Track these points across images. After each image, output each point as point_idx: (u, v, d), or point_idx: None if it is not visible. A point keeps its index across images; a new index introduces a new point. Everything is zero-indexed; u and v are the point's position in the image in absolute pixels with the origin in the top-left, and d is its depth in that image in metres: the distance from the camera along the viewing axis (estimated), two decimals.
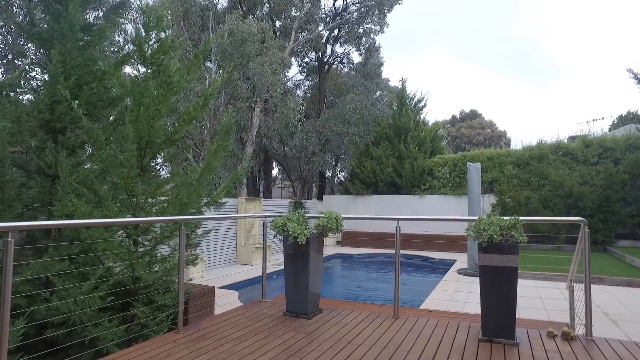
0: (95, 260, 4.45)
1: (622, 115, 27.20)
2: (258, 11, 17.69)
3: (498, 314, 3.35)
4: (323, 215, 4.20)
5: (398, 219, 4.14)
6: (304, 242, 3.86)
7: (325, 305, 4.58)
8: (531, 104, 58.93)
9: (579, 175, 12.54)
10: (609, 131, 18.35)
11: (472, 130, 42.62)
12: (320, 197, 18.55)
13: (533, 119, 56.45)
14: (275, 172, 30.53)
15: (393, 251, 4.21)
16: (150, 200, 5.23)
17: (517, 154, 13.99)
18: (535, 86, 58.86)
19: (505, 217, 3.36)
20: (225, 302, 6.85)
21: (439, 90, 62.42)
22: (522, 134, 62.03)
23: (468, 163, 10.13)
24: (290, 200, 14.85)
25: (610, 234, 12.01)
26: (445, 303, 7.05)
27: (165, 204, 5.04)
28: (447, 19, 59.53)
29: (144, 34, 5.25)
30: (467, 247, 10.27)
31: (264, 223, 4.74)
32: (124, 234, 4.95)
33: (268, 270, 5.12)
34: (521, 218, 3.31)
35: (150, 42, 5.31)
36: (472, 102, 71.50)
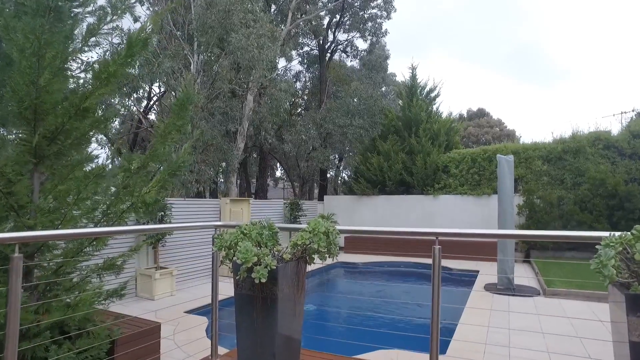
0: None
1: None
2: None
3: None
4: (305, 227, 2.41)
5: (437, 234, 2.34)
6: (264, 279, 2.07)
7: None
8: (538, 104, 56.90)
9: (624, 171, 10.62)
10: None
11: (480, 129, 40.73)
12: (321, 198, 16.74)
13: (541, 119, 54.54)
14: (279, 172, 28.79)
15: (406, 259, 2.46)
16: (53, 202, 3.48)
17: (548, 147, 12.06)
18: (541, 86, 56.85)
19: None
20: (187, 339, 5.08)
21: (445, 90, 60.60)
22: (530, 133, 60.00)
23: (498, 155, 8.31)
24: (285, 201, 13.05)
25: None
26: (484, 332, 5.32)
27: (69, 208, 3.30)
28: (451, 23, 57.95)
29: None
30: (496, 258, 8.46)
31: (212, 237, 2.96)
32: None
33: None
34: None
35: None
36: (479, 102, 69.52)
